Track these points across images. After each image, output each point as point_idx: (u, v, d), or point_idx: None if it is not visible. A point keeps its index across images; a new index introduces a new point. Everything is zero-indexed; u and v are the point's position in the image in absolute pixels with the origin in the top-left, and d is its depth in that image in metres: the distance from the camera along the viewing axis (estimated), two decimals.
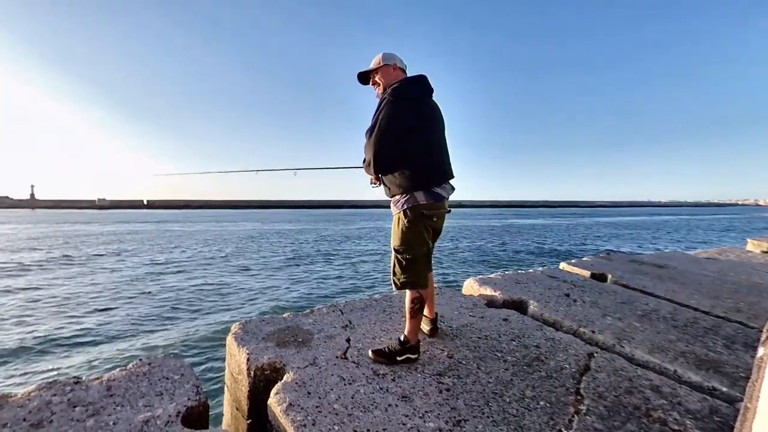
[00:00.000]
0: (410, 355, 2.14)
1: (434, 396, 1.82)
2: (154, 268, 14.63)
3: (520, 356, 2.25)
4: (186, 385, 1.85)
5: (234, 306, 9.22)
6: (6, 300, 9.76)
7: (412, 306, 2.14)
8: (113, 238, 27.15)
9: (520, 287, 3.57)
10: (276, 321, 2.61)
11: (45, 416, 1.58)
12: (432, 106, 2.20)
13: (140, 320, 8.05)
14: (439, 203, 2.10)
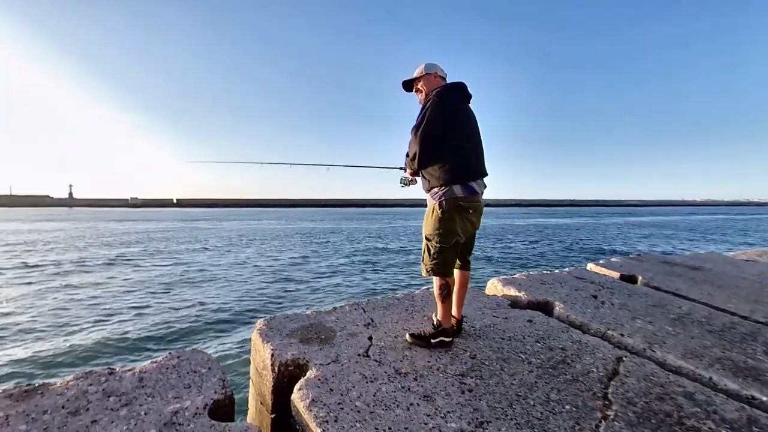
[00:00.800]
0: (444, 338, 2.29)
1: (456, 396, 1.81)
2: (183, 265, 15.11)
3: (545, 358, 2.20)
4: (213, 378, 1.90)
5: (258, 302, 9.41)
6: (47, 294, 10.29)
7: (440, 291, 2.28)
8: (144, 236, 28.19)
9: (545, 288, 3.49)
10: (299, 318, 2.65)
11: (82, 405, 1.66)
12: (469, 110, 2.40)
13: (169, 315, 8.32)
14: (474, 197, 2.25)
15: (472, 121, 2.36)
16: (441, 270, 2.26)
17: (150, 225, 40.65)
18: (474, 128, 2.37)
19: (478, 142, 2.38)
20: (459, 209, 2.22)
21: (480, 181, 2.29)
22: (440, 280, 2.27)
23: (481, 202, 2.33)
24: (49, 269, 14.08)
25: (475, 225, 2.37)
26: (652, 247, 21.79)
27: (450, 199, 2.21)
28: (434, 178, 2.26)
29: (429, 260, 2.29)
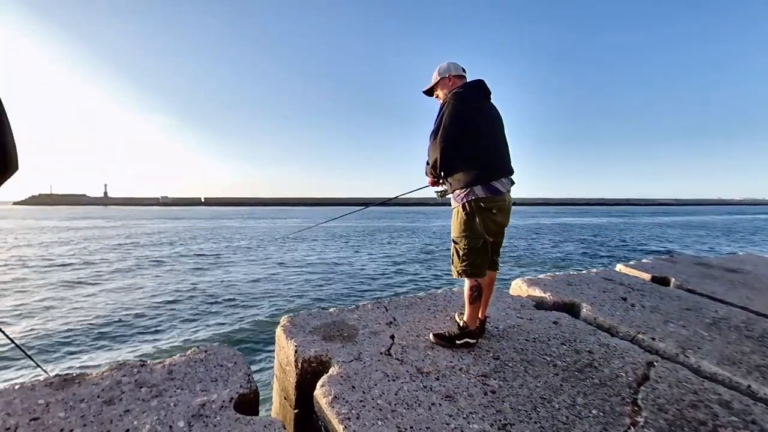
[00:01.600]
0: (469, 339, 2.27)
1: (479, 397, 1.79)
2: (210, 262, 15.53)
3: (571, 361, 2.15)
4: (238, 372, 1.95)
5: (282, 299, 9.57)
6: (80, 288, 10.78)
7: (471, 293, 2.26)
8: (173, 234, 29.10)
9: (571, 289, 3.41)
10: (322, 315, 2.68)
11: (115, 394, 1.74)
12: (490, 107, 2.34)
13: (196, 310, 8.57)
14: (498, 197, 2.20)
15: (493, 119, 2.31)
16: (472, 271, 2.24)
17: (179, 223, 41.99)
18: (496, 126, 2.31)
19: (502, 139, 2.33)
20: (482, 210, 2.19)
21: (504, 180, 2.24)
22: (472, 281, 2.25)
23: (508, 200, 2.27)
24: (83, 265, 14.74)
25: (501, 224, 2.32)
26: (685, 248, 20.91)
27: (472, 201, 2.19)
28: (456, 180, 2.24)
29: (459, 262, 2.28)
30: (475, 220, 2.20)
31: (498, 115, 2.36)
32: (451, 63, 2.42)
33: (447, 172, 2.26)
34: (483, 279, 2.29)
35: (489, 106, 2.34)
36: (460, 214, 2.24)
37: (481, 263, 2.27)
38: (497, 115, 2.36)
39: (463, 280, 2.33)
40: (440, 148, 2.16)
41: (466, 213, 2.21)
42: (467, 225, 2.22)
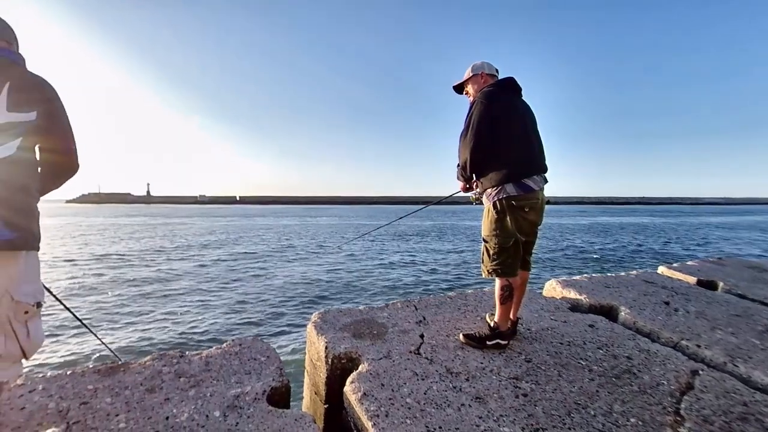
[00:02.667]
0: (500, 340, 2.24)
1: (510, 400, 1.76)
2: (244, 259, 16.02)
3: (608, 366, 2.07)
4: (271, 366, 2.00)
5: (312, 295, 9.74)
6: (125, 281, 11.40)
7: (502, 293, 2.22)
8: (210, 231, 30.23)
9: (609, 291, 3.28)
10: (352, 313, 2.71)
11: (157, 383, 1.83)
12: (521, 104, 2.30)
13: (230, 304, 8.87)
14: (530, 194, 2.15)
15: (525, 116, 2.26)
16: (503, 271, 2.20)
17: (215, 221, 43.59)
18: (528, 123, 2.26)
19: (534, 136, 2.27)
20: (514, 209, 2.15)
21: (537, 177, 2.19)
22: (503, 281, 2.21)
23: (541, 198, 2.22)
24: (128, 260, 15.58)
25: (534, 223, 2.27)
26: (736, 250, 19.62)
27: (504, 199, 2.14)
28: (487, 179, 2.21)
29: (489, 262, 2.24)
30: (506, 218, 2.16)
31: (530, 112, 2.31)
32: (485, 62, 2.40)
33: (477, 172, 2.23)
34: (514, 279, 2.24)
35: (520, 103, 2.30)
36: (491, 212, 2.21)
37: (513, 263, 2.22)
38: (529, 111, 2.31)
39: (494, 280, 2.29)
40: (469, 147, 2.14)
41: (497, 211, 2.17)
42: (498, 224, 2.18)
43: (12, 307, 1.20)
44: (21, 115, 1.24)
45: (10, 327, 1.20)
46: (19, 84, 1.26)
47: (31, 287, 1.27)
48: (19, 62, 1.33)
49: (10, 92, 1.22)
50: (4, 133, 1.20)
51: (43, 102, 1.32)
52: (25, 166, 1.26)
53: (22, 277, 1.23)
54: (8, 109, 1.21)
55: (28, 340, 1.25)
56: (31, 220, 1.26)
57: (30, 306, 1.25)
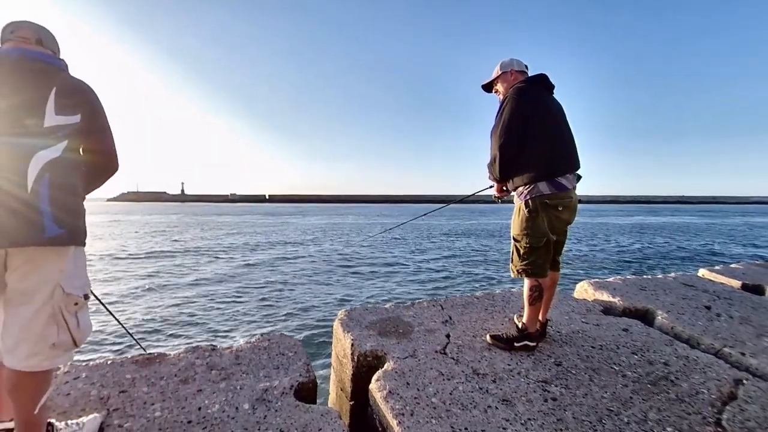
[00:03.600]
0: (528, 342, 2.19)
1: (538, 404, 1.72)
2: (273, 256, 16.38)
3: (643, 372, 1.99)
4: (299, 362, 2.04)
5: (339, 293, 9.84)
6: (162, 276, 11.88)
7: (531, 294, 2.17)
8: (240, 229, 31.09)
9: (645, 294, 3.15)
10: (378, 311, 2.72)
11: (190, 375, 1.90)
12: (553, 101, 2.25)
13: (259, 300, 9.08)
14: (563, 193, 2.10)
15: (557, 113, 2.20)
16: (533, 271, 2.15)
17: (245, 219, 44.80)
18: (560, 120, 2.20)
19: (566, 134, 2.21)
20: (546, 207, 2.09)
21: (570, 176, 2.13)
22: (532, 281, 2.17)
23: (573, 197, 2.16)
24: (160, 256, 16.24)
25: (566, 222, 2.21)
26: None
27: (536, 198, 2.09)
28: (519, 177, 2.15)
29: (519, 261, 2.20)
30: (538, 217, 2.11)
31: (561, 109, 2.25)
32: (514, 59, 2.33)
33: (508, 169, 2.18)
34: (544, 279, 2.19)
35: (552, 100, 2.24)
36: (522, 211, 2.16)
37: (543, 263, 2.17)
38: (560, 109, 2.25)
39: (523, 281, 2.24)
40: (499, 144, 2.10)
41: (529, 210, 2.12)
42: (529, 223, 2.13)
43: (63, 299, 1.28)
44: (67, 118, 1.32)
45: (62, 318, 1.28)
46: (64, 89, 1.33)
47: (80, 280, 1.35)
48: (63, 68, 1.41)
49: (57, 97, 1.30)
50: (53, 135, 1.28)
51: (86, 105, 1.39)
52: (71, 167, 1.34)
53: (71, 271, 1.31)
54: (56, 113, 1.29)
55: (78, 330, 1.33)
56: (78, 218, 1.33)
57: (79, 298, 1.33)
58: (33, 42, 1.40)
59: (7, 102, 1.24)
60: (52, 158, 1.25)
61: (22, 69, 1.29)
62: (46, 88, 1.29)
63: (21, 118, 1.24)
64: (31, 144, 1.23)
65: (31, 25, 1.42)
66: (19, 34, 1.39)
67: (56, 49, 1.49)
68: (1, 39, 1.40)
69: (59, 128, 1.29)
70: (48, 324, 1.25)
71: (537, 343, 2.23)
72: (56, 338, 1.27)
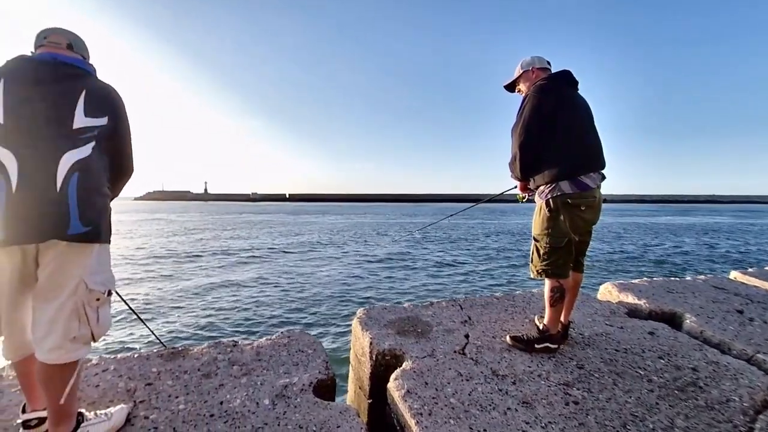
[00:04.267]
0: (549, 344, 2.16)
1: (559, 407, 1.69)
2: (293, 254, 16.58)
3: (670, 378, 1.92)
4: (317, 359, 2.06)
5: (357, 291, 9.88)
6: (184, 274, 12.19)
7: (551, 295, 2.13)
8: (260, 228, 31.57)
9: (672, 297, 3.05)
10: (397, 310, 2.72)
11: (212, 369, 1.95)
12: (577, 98, 2.18)
13: (279, 298, 9.21)
14: (586, 192, 2.05)
15: (581, 110, 2.14)
16: (553, 271, 2.11)
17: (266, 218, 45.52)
18: (584, 117, 2.14)
19: (591, 131, 2.15)
20: (568, 207, 2.04)
21: (594, 175, 2.07)
22: (553, 282, 2.12)
23: (597, 196, 2.10)
24: (182, 254, 16.65)
25: (589, 222, 2.16)
26: None
27: (558, 197, 2.05)
28: (540, 176, 2.11)
29: (539, 261, 2.16)
30: (559, 217, 2.06)
31: (586, 106, 2.18)
32: (535, 56, 2.28)
33: (528, 168, 2.14)
34: (566, 280, 2.15)
35: (576, 97, 2.17)
36: (543, 210, 2.12)
37: (564, 263, 2.13)
38: (585, 105, 2.18)
39: (543, 281, 2.20)
40: (519, 143, 2.07)
41: (550, 210, 2.08)
42: (550, 222, 2.09)
43: (86, 294, 1.33)
44: (95, 120, 1.37)
45: (84, 312, 1.33)
46: (92, 92, 1.39)
47: (103, 277, 1.40)
48: (92, 72, 1.47)
49: (86, 99, 1.35)
50: (82, 136, 1.33)
51: (112, 109, 1.45)
52: (98, 167, 1.39)
53: (95, 267, 1.36)
54: (84, 115, 1.34)
55: (98, 325, 1.38)
56: (103, 216, 1.38)
57: (101, 294, 1.38)
58: (64, 47, 1.46)
59: (40, 104, 1.29)
60: (80, 158, 1.30)
61: (53, 72, 1.35)
62: (75, 91, 1.35)
63: (52, 119, 1.29)
64: (61, 144, 1.28)
65: (62, 31, 1.48)
66: (51, 39, 1.45)
67: (86, 54, 1.55)
68: (35, 45, 1.46)
69: (87, 129, 1.34)
70: (71, 318, 1.30)
71: (558, 345, 2.19)
72: (77, 332, 1.32)
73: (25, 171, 1.22)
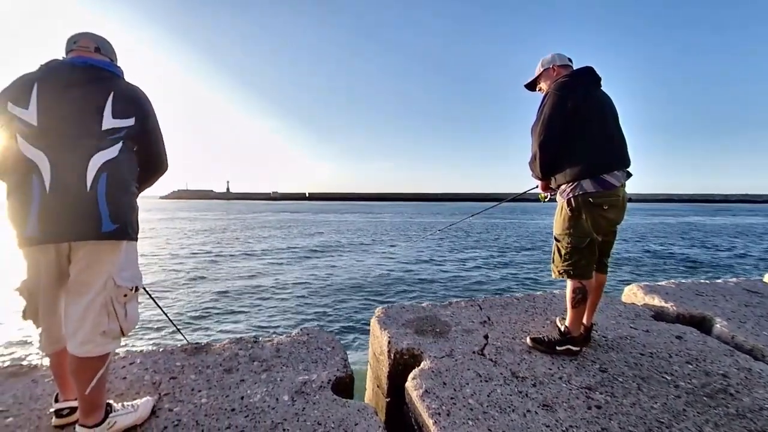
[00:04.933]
0: (571, 346, 2.11)
1: (581, 411, 1.65)
2: (312, 253, 16.76)
3: (698, 384, 1.86)
4: (336, 357, 2.08)
5: (376, 291, 9.90)
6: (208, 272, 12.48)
7: (573, 296, 2.09)
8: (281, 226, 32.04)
9: (701, 300, 2.94)
10: (415, 309, 2.71)
11: (234, 365, 1.99)
12: (599, 94, 2.13)
13: (298, 295, 9.32)
14: (609, 191, 1.99)
15: (604, 107, 2.09)
16: (575, 272, 2.07)
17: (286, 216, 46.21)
18: (607, 114, 2.09)
19: (615, 128, 2.09)
20: (591, 206, 1.99)
21: (618, 173, 2.01)
22: (575, 283, 2.08)
23: (622, 195, 2.04)
24: (203, 252, 17.05)
25: (613, 222, 2.10)
26: None
27: (579, 196, 2.00)
28: (562, 174, 2.07)
29: (560, 262, 2.12)
30: (581, 216, 2.02)
31: (609, 103, 2.13)
32: (555, 53, 2.24)
33: (549, 167, 2.09)
34: (588, 281, 2.10)
35: (598, 94, 2.12)
36: (565, 210, 2.07)
37: (587, 264, 2.08)
38: (608, 102, 2.13)
39: (565, 282, 2.16)
40: (539, 141, 2.03)
41: (571, 209, 2.03)
42: (572, 222, 2.05)
43: (114, 290, 1.38)
44: (122, 121, 1.42)
45: (113, 308, 1.38)
46: (120, 94, 1.44)
47: (130, 273, 1.45)
48: (119, 75, 1.52)
49: (114, 101, 1.40)
50: (110, 137, 1.38)
51: (140, 110, 1.50)
52: (126, 166, 1.44)
53: (123, 263, 1.41)
54: (113, 116, 1.39)
55: (126, 320, 1.43)
56: (132, 214, 1.43)
57: (129, 290, 1.43)
58: (93, 50, 1.52)
59: (70, 106, 1.35)
60: (109, 158, 1.35)
61: (83, 76, 1.40)
62: (104, 93, 1.40)
63: (82, 120, 1.35)
64: (90, 145, 1.33)
65: (91, 36, 1.54)
66: (80, 43, 1.51)
67: (113, 57, 1.61)
68: (66, 49, 1.52)
69: (115, 130, 1.39)
70: (100, 313, 1.36)
71: (581, 347, 2.14)
72: (106, 326, 1.37)
73: (57, 172, 1.28)
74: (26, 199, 1.26)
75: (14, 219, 1.29)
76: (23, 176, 1.27)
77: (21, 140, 1.28)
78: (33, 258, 1.36)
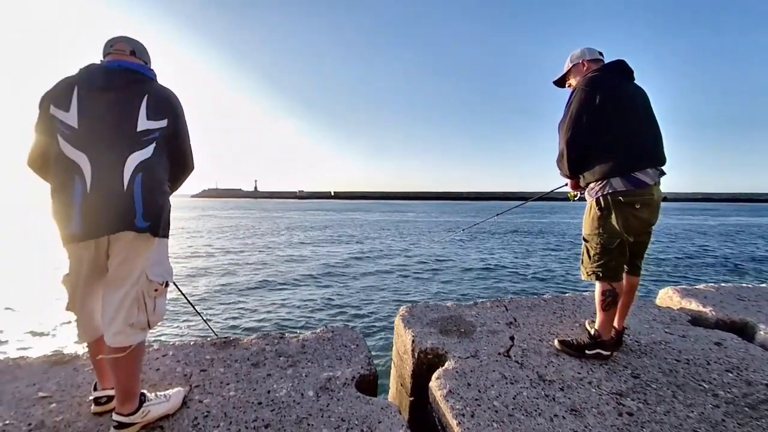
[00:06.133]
0: (601, 350, 2.05)
1: (611, 417, 1.60)
2: (338, 251, 16.93)
3: (739, 393, 1.76)
4: (360, 354, 2.09)
5: (401, 289, 9.90)
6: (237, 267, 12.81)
7: (603, 298, 2.04)
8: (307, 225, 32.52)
9: (743, 305, 2.79)
10: (440, 309, 2.70)
11: (260, 359, 2.04)
12: (631, 88, 2.05)
13: (323, 293, 9.43)
14: (641, 190, 1.91)
15: (636, 101, 2.00)
16: (605, 273, 2.01)
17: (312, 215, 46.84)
18: (640, 109, 2.00)
19: (648, 124, 2.00)
20: (621, 205, 1.92)
21: (652, 170, 1.93)
22: (604, 285, 2.02)
23: (656, 194, 1.95)
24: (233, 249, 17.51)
25: (647, 222, 2.01)
26: None
27: (608, 195, 1.94)
28: (590, 172, 2.00)
29: (589, 263, 2.07)
30: (611, 216, 1.95)
31: (643, 97, 2.04)
32: (585, 48, 2.17)
33: (577, 165, 2.03)
34: (619, 283, 2.03)
35: (631, 88, 2.03)
36: (593, 209, 2.02)
37: (617, 265, 2.01)
38: (642, 96, 2.04)
39: (594, 284, 2.09)
40: (566, 138, 1.97)
41: (600, 208, 1.97)
42: (600, 222, 1.99)
43: (146, 284, 1.44)
44: (156, 122, 1.47)
45: (143, 301, 1.44)
46: (154, 96, 1.50)
47: (162, 269, 1.51)
48: (153, 77, 1.58)
49: (148, 103, 1.46)
50: (144, 138, 1.44)
51: (172, 112, 1.55)
52: (159, 166, 1.49)
53: (155, 259, 1.47)
54: (147, 118, 1.45)
55: (154, 314, 1.49)
56: (164, 212, 1.49)
57: (159, 285, 1.49)
58: (128, 54, 1.58)
59: (108, 109, 1.41)
60: (143, 159, 1.41)
61: (119, 79, 1.46)
62: (139, 96, 1.46)
63: (118, 123, 1.41)
64: (126, 146, 1.39)
65: (126, 39, 1.61)
66: (116, 47, 1.58)
67: (147, 60, 1.67)
68: (103, 53, 1.59)
69: (149, 132, 1.45)
70: (132, 305, 1.42)
71: (611, 352, 2.07)
72: (135, 318, 1.43)
73: (97, 173, 1.34)
74: (69, 199, 1.34)
75: (59, 218, 1.37)
76: (66, 177, 1.35)
77: (63, 142, 1.36)
78: (76, 254, 1.44)
